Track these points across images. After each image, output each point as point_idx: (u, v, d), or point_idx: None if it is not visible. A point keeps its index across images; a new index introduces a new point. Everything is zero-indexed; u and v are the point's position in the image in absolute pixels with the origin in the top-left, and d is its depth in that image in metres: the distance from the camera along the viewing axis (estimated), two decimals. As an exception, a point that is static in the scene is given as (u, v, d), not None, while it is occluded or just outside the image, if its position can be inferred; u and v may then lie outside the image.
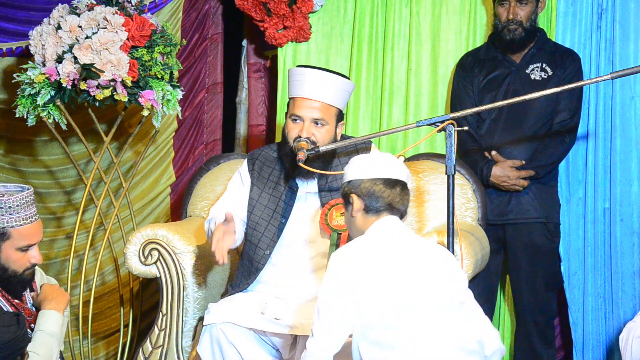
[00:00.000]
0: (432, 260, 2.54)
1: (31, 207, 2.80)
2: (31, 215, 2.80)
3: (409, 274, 2.48)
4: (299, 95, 3.20)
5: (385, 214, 2.60)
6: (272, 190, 3.28)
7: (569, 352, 4.09)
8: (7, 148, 4.63)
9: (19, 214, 2.76)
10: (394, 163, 2.65)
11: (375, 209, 2.59)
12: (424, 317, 2.45)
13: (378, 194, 2.59)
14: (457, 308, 2.50)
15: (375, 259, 2.50)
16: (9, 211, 2.74)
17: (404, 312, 2.44)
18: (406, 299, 2.45)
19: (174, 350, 3.34)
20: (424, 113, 4.18)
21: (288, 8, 4.21)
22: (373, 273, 2.47)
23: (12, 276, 2.77)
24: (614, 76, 2.90)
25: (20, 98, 3.86)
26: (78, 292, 4.35)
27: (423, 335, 2.44)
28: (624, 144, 3.91)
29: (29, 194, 2.80)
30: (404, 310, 2.44)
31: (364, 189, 2.60)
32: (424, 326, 2.44)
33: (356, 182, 2.62)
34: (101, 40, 3.73)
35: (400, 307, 2.44)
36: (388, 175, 2.61)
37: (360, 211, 2.61)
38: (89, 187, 4.08)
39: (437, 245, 2.69)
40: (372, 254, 2.52)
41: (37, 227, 2.82)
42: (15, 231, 2.75)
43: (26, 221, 2.78)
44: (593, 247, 3.96)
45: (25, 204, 2.78)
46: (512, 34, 3.81)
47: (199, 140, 4.76)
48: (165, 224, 3.64)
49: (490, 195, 3.80)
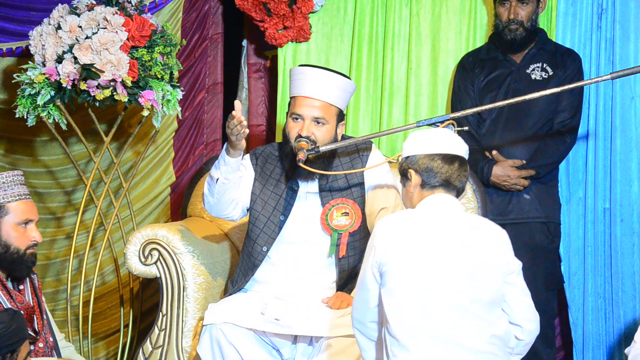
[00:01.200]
0: (473, 248, 2.47)
1: (22, 186, 2.86)
2: (24, 193, 2.86)
3: (440, 263, 2.44)
4: (300, 94, 3.20)
5: (440, 190, 2.57)
6: (274, 188, 3.28)
7: (569, 352, 4.09)
8: (7, 148, 4.63)
9: (13, 189, 2.82)
10: (453, 138, 2.62)
11: (432, 185, 2.57)
12: (437, 314, 2.40)
13: (436, 170, 2.56)
14: (483, 308, 2.43)
15: (412, 236, 2.47)
16: (3, 187, 2.80)
17: (420, 304, 2.41)
18: (426, 292, 2.41)
19: (174, 350, 3.34)
20: (424, 113, 4.18)
21: (288, 8, 4.21)
22: (403, 252, 2.45)
23: (15, 254, 2.80)
24: (614, 76, 2.91)
25: (20, 98, 3.86)
26: (78, 292, 4.35)
27: (432, 334, 2.40)
28: (624, 144, 3.91)
29: (18, 172, 2.87)
30: (419, 302, 2.41)
31: (422, 164, 2.58)
32: (436, 325, 2.40)
33: (414, 158, 2.60)
34: (101, 41, 3.73)
35: (417, 297, 2.41)
36: (446, 150, 2.58)
37: (417, 186, 2.59)
38: (89, 187, 4.07)
39: (489, 228, 2.58)
40: (412, 230, 2.48)
41: (32, 205, 2.88)
42: (12, 206, 2.80)
43: (21, 197, 2.83)
44: (593, 247, 3.96)
45: (16, 181, 2.84)
46: (513, 34, 3.81)
47: (199, 140, 4.76)
48: (166, 224, 3.64)
49: (491, 195, 3.80)
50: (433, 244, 2.46)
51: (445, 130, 2.69)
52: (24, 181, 2.88)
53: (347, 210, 3.22)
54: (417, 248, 2.45)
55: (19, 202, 2.82)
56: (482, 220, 2.64)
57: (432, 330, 2.40)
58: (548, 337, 3.87)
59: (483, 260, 2.46)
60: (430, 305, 2.41)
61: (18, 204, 2.82)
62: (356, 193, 3.25)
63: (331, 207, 3.21)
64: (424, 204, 2.56)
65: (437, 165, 2.57)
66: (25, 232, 2.83)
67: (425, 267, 2.43)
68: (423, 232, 2.48)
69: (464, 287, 2.42)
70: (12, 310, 2.64)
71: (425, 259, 2.44)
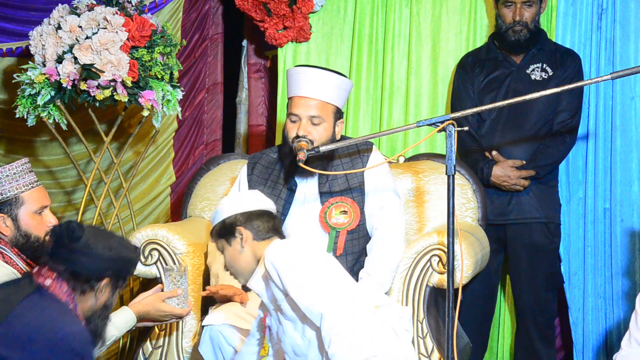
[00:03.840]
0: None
1: (31, 173, 2.89)
2: (34, 180, 2.88)
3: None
4: (296, 94, 3.20)
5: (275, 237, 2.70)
6: (272, 190, 3.28)
7: (569, 352, 4.09)
8: (7, 148, 4.63)
9: (24, 179, 2.84)
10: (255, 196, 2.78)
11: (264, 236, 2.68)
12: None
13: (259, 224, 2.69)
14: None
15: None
16: (15, 177, 2.82)
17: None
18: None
19: (174, 350, 3.34)
20: (424, 113, 4.18)
21: (288, 8, 4.20)
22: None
23: (36, 243, 2.82)
24: (614, 76, 2.90)
25: (20, 98, 3.86)
26: (78, 292, 4.35)
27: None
28: (624, 144, 3.91)
29: (25, 160, 2.89)
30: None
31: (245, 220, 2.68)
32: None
33: (231, 217, 2.69)
34: (101, 41, 3.73)
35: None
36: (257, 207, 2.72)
37: (249, 240, 2.67)
38: (89, 187, 4.07)
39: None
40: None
41: (43, 190, 2.90)
42: (26, 196, 2.82)
43: (33, 185, 2.86)
44: (593, 247, 3.96)
45: (25, 170, 2.86)
46: (517, 35, 3.80)
47: (199, 140, 4.76)
48: (166, 224, 3.64)
49: (491, 195, 3.79)
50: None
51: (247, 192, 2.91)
52: (31, 168, 2.91)
53: (345, 209, 3.22)
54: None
55: (32, 190, 2.85)
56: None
57: None
58: (548, 337, 3.87)
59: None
60: None
61: (32, 193, 2.84)
62: (356, 193, 3.25)
63: (330, 205, 3.21)
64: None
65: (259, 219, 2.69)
66: (42, 219, 2.85)
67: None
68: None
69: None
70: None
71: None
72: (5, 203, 2.79)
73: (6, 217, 2.80)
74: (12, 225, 2.80)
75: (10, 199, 2.80)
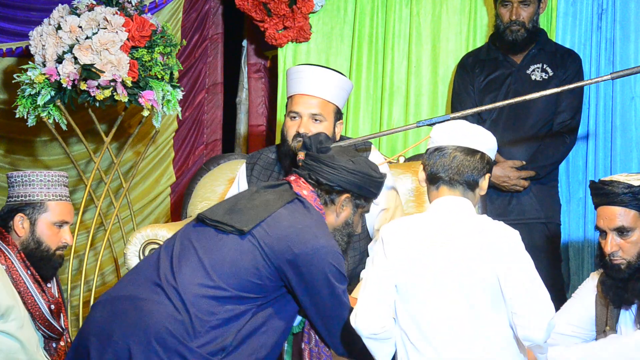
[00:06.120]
0: (470, 252, 2.41)
1: (65, 187, 2.91)
2: (65, 194, 2.90)
3: (443, 268, 2.41)
4: (297, 92, 3.19)
5: (444, 188, 2.48)
6: (271, 190, 3.27)
7: (569, 353, 4.09)
8: (7, 148, 4.63)
9: (55, 189, 2.87)
10: (456, 128, 2.59)
11: (435, 182, 2.50)
12: (446, 317, 2.40)
13: (431, 164, 2.51)
14: (486, 309, 2.41)
15: (417, 242, 2.44)
16: (47, 185, 2.85)
17: (431, 308, 2.41)
18: (434, 295, 2.41)
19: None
20: (424, 113, 4.18)
21: (288, 8, 4.21)
22: (412, 258, 2.43)
23: (45, 253, 2.84)
24: (614, 76, 2.90)
25: (20, 98, 3.86)
26: (78, 292, 4.35)
27: (447, 336, 2.39)
28: (624, 144, 3.91)
29: (64, 174, 2.93)
30: (429, 305, 2.41)
31: (426, 160, 2.53)
32: (447, 327, 2.40)
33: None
34: (101, 41, 3.73)
35: (427, 300, 2.42)
36: (442, 142, 2.53)
37: (425, 182, 2.54)
38: (89, 187, 4.07)
39: (491, 231, 2.47)
40: (417, 235, 2.44)
41: (70, 207, 2.93)
42: (51, 205, 2.85)
43: (61, 198, 2.88)
44: (593, 247, 3.96)
45: (60, 182, 2.89)
46: (514, 35, 3.80)
47: (199, 140, 4.76)
48: (166, 224, 3.64)
49: (491, 195, 3.79)
50: (436, 249, 2.44)
51: (455, 122, 2.64)
52: (67, 183, 2.93)
53: (346, 209, 3.21)
54: (423, 253, 2.44)
55: (58, 202, 2.87)
56: (484, 223, 2.51)
57: (445, 333, 2.40)
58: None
59: (476, 265, 2.42)
60: (439, 308, 2.41)
61: (57, 204, 2.87)
62: (356, 193, 3.24)
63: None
64: (431, 208, 2.52)
65: (432, 159, 2.51)
66: (58, 232, 2.87)
67: (431, 272, 2.42)
68: (427, 238, 2.45)
69: (464, 289, 2.41)
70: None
71: (430, 263, 2.42)
72: (29, 204, 2.83)
73: (25, 219, 2.83)
74: (28, 228, 2.83)
75: (35, 202, 2.83)
